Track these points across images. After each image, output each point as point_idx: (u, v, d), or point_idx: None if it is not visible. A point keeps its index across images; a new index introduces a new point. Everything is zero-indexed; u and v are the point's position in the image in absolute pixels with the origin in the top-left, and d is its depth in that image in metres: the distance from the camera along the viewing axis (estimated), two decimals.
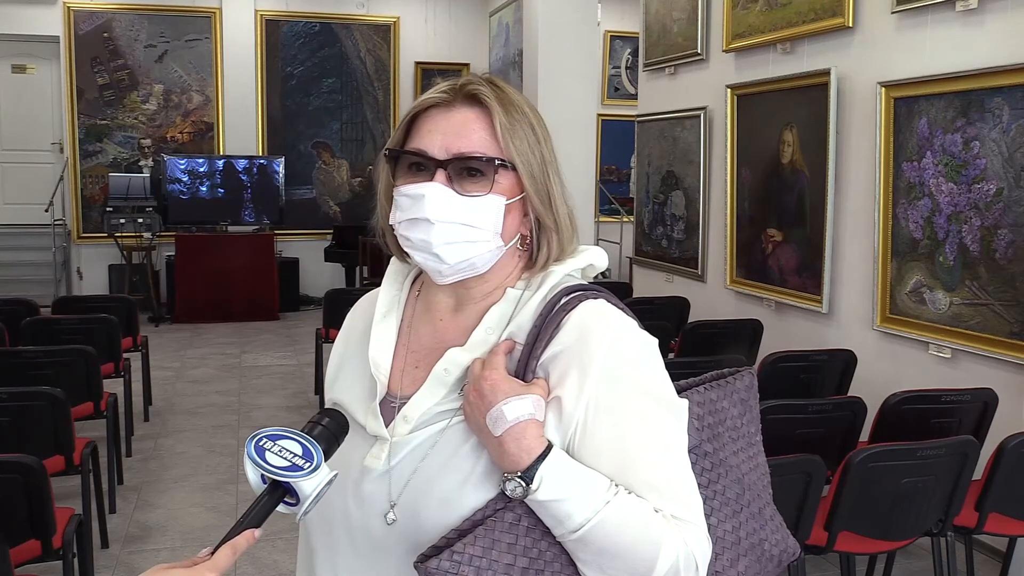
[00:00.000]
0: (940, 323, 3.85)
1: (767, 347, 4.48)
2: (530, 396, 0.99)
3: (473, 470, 1.01)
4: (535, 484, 0.96)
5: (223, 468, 4.64)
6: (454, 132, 1.05)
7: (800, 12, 4.69)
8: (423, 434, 1.05)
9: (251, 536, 0.95)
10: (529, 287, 1.10)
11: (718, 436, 1.11)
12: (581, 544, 0.96)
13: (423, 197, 1.04)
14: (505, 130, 1.05)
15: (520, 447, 0.97)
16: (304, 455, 0.95)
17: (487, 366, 1.02)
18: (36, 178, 9.31)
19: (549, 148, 1.11)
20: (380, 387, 1.10)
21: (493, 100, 1.06)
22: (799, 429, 3.00)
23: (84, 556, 2.91)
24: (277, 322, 8.76)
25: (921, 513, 2.73)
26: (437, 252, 1.05)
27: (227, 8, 9.43)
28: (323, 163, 9.99)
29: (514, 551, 0.97)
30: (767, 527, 1.13)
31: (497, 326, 1.08)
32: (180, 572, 0.90)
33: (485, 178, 1.05)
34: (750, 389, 1.18)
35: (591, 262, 1.14)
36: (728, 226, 5.39)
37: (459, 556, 0.95)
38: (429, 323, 1.14)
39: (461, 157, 1.05)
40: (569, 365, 1.02)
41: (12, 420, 3.18)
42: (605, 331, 1.03)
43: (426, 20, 10.07)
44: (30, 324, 4.60)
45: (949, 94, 3.75)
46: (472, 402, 1.01)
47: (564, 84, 7.24)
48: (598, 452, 0.99)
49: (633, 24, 8.38)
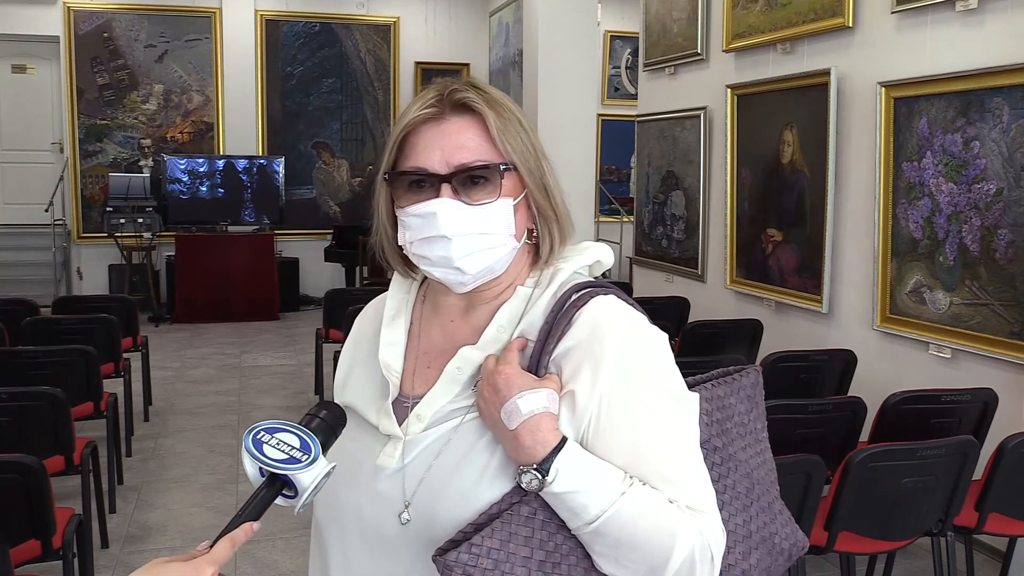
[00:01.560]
0: (940, 323, 3.85)
1: (767, 347, 4.48)
2: (544, 390, 1.00)
3: (488, 464, 1.02)
4: (551, 476, 0.96)
5: (223, 468, 4.64)
6: (452, 144, 1.05)
7: (800, 12, 4.69)
8: (436, 431, 1.06)
9: (249, 529, 0.95)
10: (539, 285, 1.11)
11: (726, 432, 1.12)
12: (597, 536, 0.97)
13: (435, 215, 1.04)
14: (501, 132, 1.06)
15: (535, 440, 0.98)
16: (302, 447, 0.95)
17: (501, 361, 1.03)
18: (36, 178, 9.31)
19: (536, 138, 1.11)
20: (392, 387, 1.11)
21: (483, 104, 1.06)
22: (799, 429, 3.00)
23: (84, 556, 2.91)
24: (277, 322, 8.76)
25: (921, 513, 2.73)
26: (459, 266, 1.06)
27: (227, 8, 9.43)
28: (323, 163, 9.99)
29: (531, 544, 0.98)
30: (777, 521, 1.14)
31: (509, 324, 1.08)
32: (178, 565, 0.90)
33: (491, 184, 1.05)
34: (756, 386, 1.19)
35: (598, 259, 1.16)
36: (728, 226, 5.39)
37: (477, 548, 0.96)
38: (439, 325, 1.15)
39: (464, 168, 1.05)
40: (582, 360, 1.02)
41: (12, 420, 3.18)
42: (617, 326, 1.04)
43: (426, 20, 10.07)
44: (30, 324, 4.60)
45: (949, 94, 3.75)
46: (486, 397, 1.02)
47: (564, 84, 7.24)
48: (611, 445, 1.00)
49: (633, 24, 8.38)
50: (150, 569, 0.90)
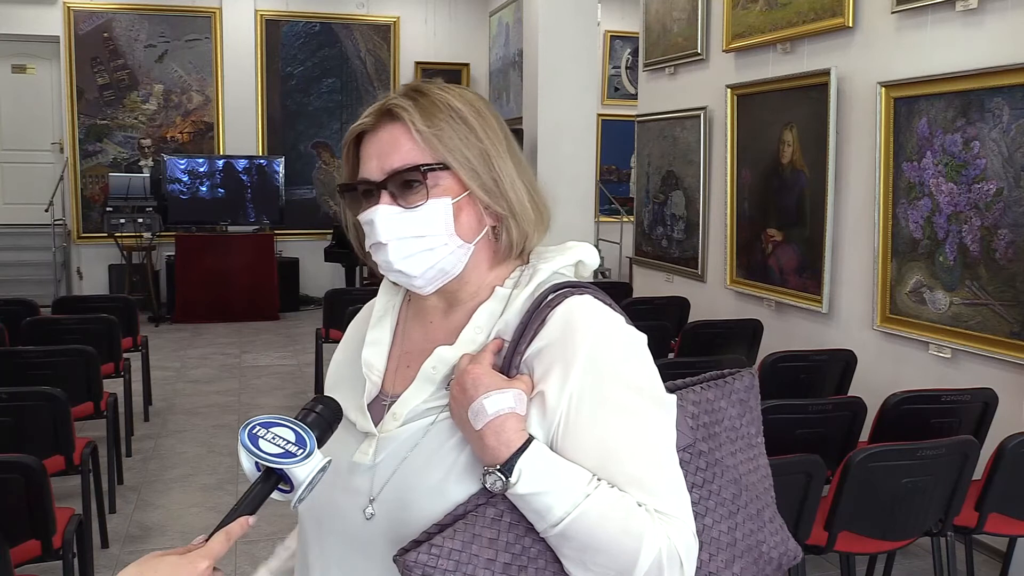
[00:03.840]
0: (940, 323, 3.85)
1: (767, 347, 4.48)
2: (511, 390, 1.00)
3: (455, 464, 1.02)
4: (514, 477, 0.96)
5: (223, 468, 4.64)
6: (385, 152, 1.08)
7: (800, 12, 4.69)
8: (409, 429, 1.06)
9: (245, 523, 0.95)
10: (518, 285, 1.11)
11: (714, 436, 1.11)
12: (563, 539, 0.96)
13: (372, 222, 1.08)
14: (425, 135, 1.06)
15: (499, 440, 0.97)
16: (297, 442, 0.95)
17: (472, 361, 1.03)
18: (36, 178, 9.31)
19: (493, 136, 1.10)
20: (371, 385, 1.12)
21: (409, 109, 1.07)
22: (799, 429, 3.00)
23: (84, 556, 2.91)
24: (277, 322, 8.76)
25: (921, 513, 2.73)
26: (400, 268, 1.08)
27: (227, 8, 9.43)
28: (323, 163, 9.99)
29: (496, 546, 0.97)
30: (766, 529, 1.12)
31: (486, 325, 1.09)
32: (174, 559, 0.90)
33: (421, 185, 1.06)
34: (750, 390, 1.17)
35: (581, 259, 1.15)
36: (728, 226, 5.39)
37: (437, 550, 0.95)
38: (421, 326, 1.16)
39: (394, 173, 1.07)
40: (553, 360, 1.02)
41: (12, 420, 3.18)
42: (589, 326, 1.03)
43: (426, 20, 10.07)
44: (30, 324, 4.60)
45: (949, 94, 3.75)
46: (455, 396, 1.02)
47: (564, 84, 7.24)
48: (581, 446, 0.99)
49: (633, 24, 8.38)
50: (145, 563, 0.90)
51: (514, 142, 1.14)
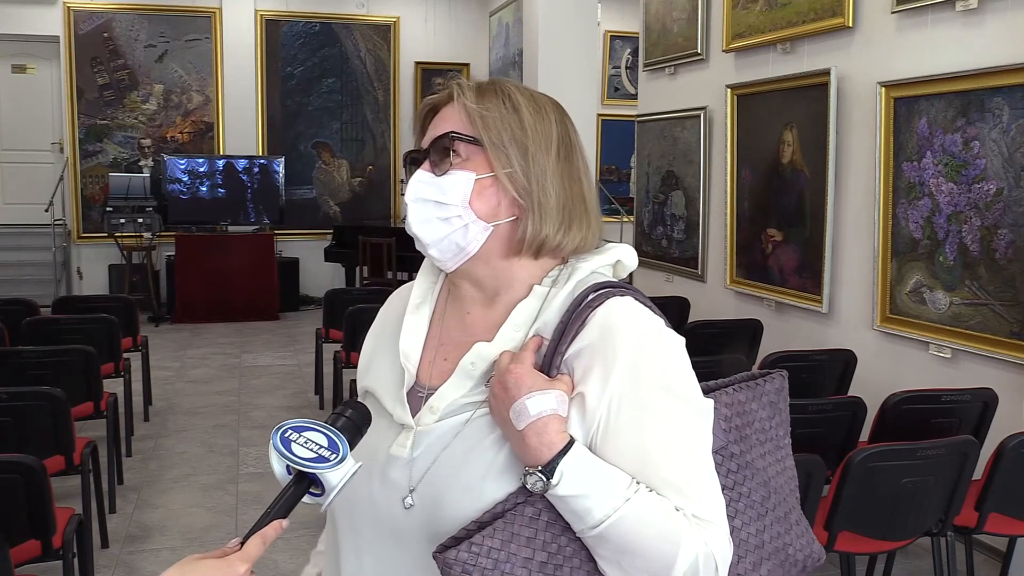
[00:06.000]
0: (940, 323, 3.85)
1: (767, 347, 4.48)
2: (553, 391, 1.00)
3: (494, 461, 1.02)
4: (555, 479, 0.96)
5: (223, 468, 4.64)
6: (437, 124, 1.11)
7: (800, 12, 4.69)
8: (447, 424, 1.06)
9: (279, 526, 0.96)
10: (556, 283, 1.11)
11: (745, 438, 1.11)
12: (601, 540, 0.96)
13: (409, 184, 1.11)
14: (471, 111, 1.08)
15: (541, 441, 0.97)
16: (330, 446, 0.96)
17: (514, 360, 1.03)
18: (36, 178, 9.31)
19: (543, 133, 1.10)
20: (408, 377, 1.12)
21: (467, 88, 1.10)
22: (799, 429, 2.95)
23: (84, 556, 2.91)
24: (277, 322, 8.76)
25: (921, 513, 2.73)
26: (416, 232, 1.10)
27: (227, 8, 9.43)
28: (323, 163, 9.99)
29: (533, 545, 0.97)
30: (792, 531, 1.12)
31: (525, 323, 1.09)
32: (212, 563, 0.91)
33: (453, 155, 1.09)
34: (780, 392, 1.17)
35: (620, 259, 1.15)
36: (728, 226, 5.39)
37: (477, 548, 0.95)
38: (458, 316, 1.15)
39: (434, 140, 1.10)
40: (593, 362, 1.02)
41: (12, 420, 3.18)
42: (630, 328, 1.03)
43: (426, 20, 10.07)
44: (30, 324, 4.60)
45: (949, 94, 3.75)
46: (497, 395, 1.02)
47: (564, 84, 7.22)
48: (620, 449, 0.99)
49: (633, 24, 8.38)
50: (183, 566, 0.91)
51: (577, 153, 1.14)
